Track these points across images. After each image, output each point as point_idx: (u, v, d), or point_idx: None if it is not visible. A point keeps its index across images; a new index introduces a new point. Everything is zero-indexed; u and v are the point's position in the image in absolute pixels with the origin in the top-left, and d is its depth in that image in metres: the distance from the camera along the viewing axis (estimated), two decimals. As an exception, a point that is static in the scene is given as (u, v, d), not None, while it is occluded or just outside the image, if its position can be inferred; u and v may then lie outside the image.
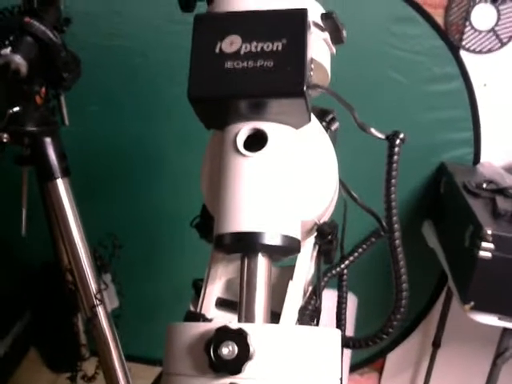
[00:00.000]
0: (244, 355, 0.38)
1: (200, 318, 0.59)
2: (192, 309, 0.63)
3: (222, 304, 0.62)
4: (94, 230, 1.21)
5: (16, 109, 1.05)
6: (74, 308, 1.43)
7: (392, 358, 1.94)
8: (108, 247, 1.24)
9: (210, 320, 0.60)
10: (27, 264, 1.82)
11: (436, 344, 1.79)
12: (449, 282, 1.40)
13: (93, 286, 1.18)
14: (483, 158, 1.62)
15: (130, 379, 1.23)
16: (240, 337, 0.39)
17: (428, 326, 1.84)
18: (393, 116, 1.58)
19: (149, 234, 1.78)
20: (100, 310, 1.18)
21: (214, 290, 0.61)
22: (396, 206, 0.48)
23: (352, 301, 1.72)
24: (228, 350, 0.38)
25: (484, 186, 1.36)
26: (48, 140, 1.13)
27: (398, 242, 0.48)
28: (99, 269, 1.22)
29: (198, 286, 0.63)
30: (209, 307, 0.60)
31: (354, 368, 1.91)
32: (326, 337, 0.43)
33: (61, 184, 1.14)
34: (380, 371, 1.98)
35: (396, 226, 0.48)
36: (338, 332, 0.45)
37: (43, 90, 1.12)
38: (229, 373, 0.38)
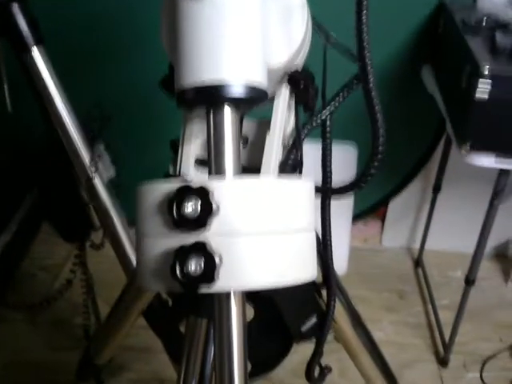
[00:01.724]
0: (206, 212, 0.37)
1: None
2: (171, 170, 0.62)
3: (201, 163, 0.60)
4: (82, 102, 1.17)
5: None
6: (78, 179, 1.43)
7: (394, 205, 1.98)
8: (97, 119, 1.21)
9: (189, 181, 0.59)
10: (25, 141, 1.81)
11: (436, 188, 1.81)
12: (446, 126, 1.38)
13: (86, 158, 1.17)
14: (485, -8, 1.51)
15: (135, 244, 1.26)
16: (202, 194, 0.37)
17: (428, 171, 1.86)
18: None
19: (138, 100, 1.74)
20: (96, 181, 1.18)
21: (192, 149, 0.59)
22: (369, 47, 0.44)
23: (352, 153, 1.72)
24: (190, 207, 0.37)
25: (484, 22, 1.28)
26: (15, 6, 1.06)
27: (372, 85, 0.45)
28: (91, 140, 1.20)
29: (176, 146, 0.61)
30: (188, 167, 0.59)
31: (356, 218, 1.96)
32: (295, 187, 0.42)
33: (36, 53, 1.08)
34: (382, 219, 2.04)
35: (369, 68, 0.45)
36: (310, 183, 0.44)
37: None
38: (192, 229, 0.37)
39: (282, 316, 0.70)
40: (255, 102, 0.46)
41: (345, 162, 1.63)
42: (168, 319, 0.84)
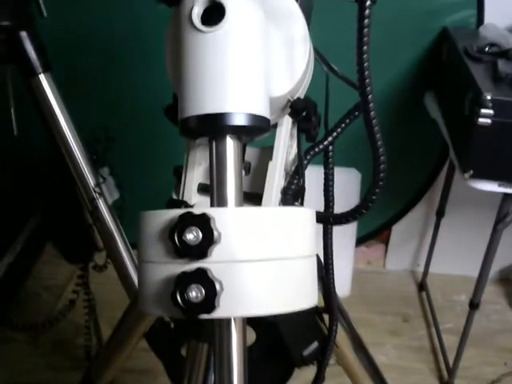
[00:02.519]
0: (208, 239, 0.38)
1: (182, 204, 0.59)
2: (174, 196, 0.63)
3: (204, 189, 0.61)
4: (86, 125, 1.19)
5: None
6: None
7: (398, 229, 1.98)
8: (102, 141, 1.23)
9: (191, 206, 0.59)
10: (29, 163, 1.83)
11: (440, 213, 1.81)
12: (449, 152, 1.39)
13: (91, 180, 1.18)
14: (487, 20, 1.53)
15: (138, 266, 1.27)
16: (204, 221, 0.38)
17: (432, 196, 1.86)
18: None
19: (142, 124, 1.76)
20: (101, 203, 1.19)
21: (195, 175, 0.60)
22: (369, 75, 0.45)
23: (356, 178, 1.73)
24: (192, 235, 0.38)
25: (486, 49, 1.30)
26: (24, 34, 1.08)
27: (373, 113, 0.46)
28: (95, 163, 1.21)
29: (179, 173, 0.62)
30: (191, 193, 0.59)
31: (360, 241, 1.96)
32: (296, 216, 0.43)
33: (43, 79, 1.10)
34: (386, 242, 2.04)
35: (370, 96, 0.46)
36: (311, 211, 0.45)
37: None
38: (194, 258, 0.38)
39: (283, 340, 0.71)
40: (257, 132, 0.46)
41: (348, 187, 1.65)
42: (170, 342, 0.85)
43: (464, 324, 1.50)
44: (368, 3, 0.44)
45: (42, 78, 1.10)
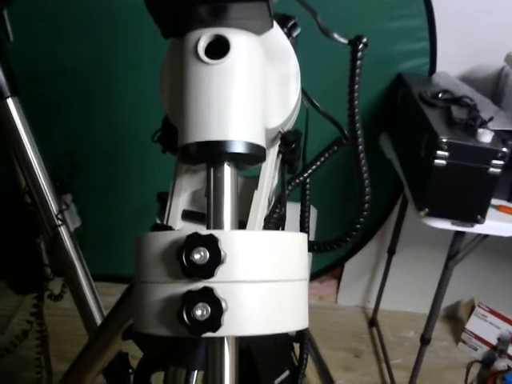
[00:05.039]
0: (215, 259, 0.39)
1: (167, 229, 0.60)
2: (158, 221, 0.63)
3: (187, 216, 0.62)
4: (50, 152, 1.18)
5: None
6: (35, 229, 1.41)
7: (350, 266, 2.03)
8: (66, 167, 1.22)
9: (177, 231, 0.61)
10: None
11: (391, 251, 1.87)
12: (404, 191, 1.45)
13: (53, 207, 1.17)
14: (439, 68, 1.63)
15: (98, 296, 1.25)
16: (211, 242, 0.40)
17: (383, 234, 1.92)
18: (349, 26, 1.55)
19: (106, 153, 1.76)
20: (62, 230, 1.18)
21: (180, 202, 0.61)
22: (359, 112, 0.49)
23: (313, 213, 1.77)
24: (199, 255, 0.39)
25: (440, 95, 1.38)
26: (-7, 57, 1.07)
27: (361, 147, 0.49)
28: (59, 189, 1.20)
29: (163, 199, 0.63)
30: (175, 219, 0.61)
31: (313, 276, 1.99)
32: (294, 240, 0.45)
33: (11, 103, 1.09)
34: (338, 278, 2.08)
35: (359, 132, 0.49)
36: (305, 235, 0.47)
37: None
38: (201, 277, 0.39)
39: (255, 367, 0.71)
40: (254, 161, 0.49)
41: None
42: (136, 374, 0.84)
43: (413, 359, 1.54)
44: (361, 46, 0.48)
45: (10, 101, 1.09)
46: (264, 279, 0.41)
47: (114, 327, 0.81)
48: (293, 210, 0.68)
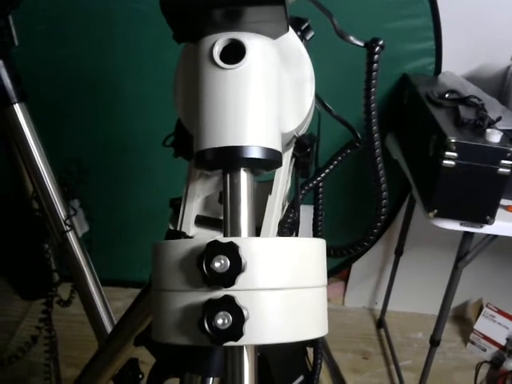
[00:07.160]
0: (236, 267, 0.39)
1: (181, 235, 0.59)
2: (171, 227, 0.63)
3: (200, 221, 0.62)
4: (58, 157, 1.18)
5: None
6: (43, 235, 1.41)
7: (357, 267, 2.02)
8: (73, 173, 1.21)
9: (191, 237, 0.60)
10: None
11: (398, 252, 1.86)
12: (412, 192, 1.44)
13: (61, 213, 1.17)
14: (444, 68, 1.63)
15: (107, 301, 1.24)
16: (231, 250, 0.39)
17: (391, 234, 1.92)
18: (354, 26, 1.54)
19: (113, 158, 1.76)
20: (71, 236, 1.17)
21: (193, 207, 0.61)
22: (376, 115, 0.48)
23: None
24: (220, 263, 0.39)
25: (446, 95, 1.37)
26: (0, 62, 1.07)
27: (378, 151, 0.48)
28: (66, 195, 1.19)
29: (176, 205, 0.63)
30: (189, 225, 0.60)
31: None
32: (313, 246, 0.44)
33: (18, 109, 1.09)
34: (346, 280, 2.07)
35: (376, 135, 0.48)
36: (323, 241, 0.46)
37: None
38: (222, 285, 0.39)
39: (270, 374, 0.71)
40: (270, 166, 0.48)
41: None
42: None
43: (422, 361, 1.54)
44: (377, 49, 0.48)
45: (17, 107, 1.09)
46: (284, 286, 0.41)
47: (126, 333, 0.81)
48: (304, 212, 0.68)
